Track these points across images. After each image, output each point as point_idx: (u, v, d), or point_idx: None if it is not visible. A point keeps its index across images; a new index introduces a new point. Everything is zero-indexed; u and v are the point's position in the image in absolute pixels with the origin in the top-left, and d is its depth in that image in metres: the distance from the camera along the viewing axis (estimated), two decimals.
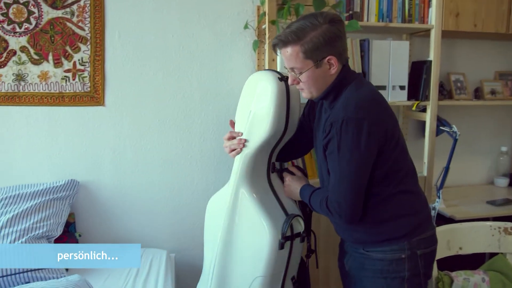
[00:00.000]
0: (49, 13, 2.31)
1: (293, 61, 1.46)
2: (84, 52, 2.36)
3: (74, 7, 2.33)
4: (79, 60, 2.36)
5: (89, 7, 2.34)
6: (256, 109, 1.69)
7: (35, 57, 2.32)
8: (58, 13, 2.32)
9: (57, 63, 2.34)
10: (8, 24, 2.29)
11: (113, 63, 2.39)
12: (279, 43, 1.47)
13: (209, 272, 1.85)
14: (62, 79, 2.35)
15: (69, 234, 2.36)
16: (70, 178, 2.39)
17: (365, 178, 1.42)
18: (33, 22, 2.30)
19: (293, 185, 1.76)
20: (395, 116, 1.52)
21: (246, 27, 2.41)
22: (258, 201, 1.71)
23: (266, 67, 2.26)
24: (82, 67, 2.36)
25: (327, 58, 1.45)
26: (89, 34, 2.36)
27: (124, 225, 2.50)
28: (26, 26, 2.30)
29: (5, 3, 2.27)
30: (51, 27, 2.32)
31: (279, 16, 2.22)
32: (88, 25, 2.35)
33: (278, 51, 1.51)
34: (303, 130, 1.78)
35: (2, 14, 2.27)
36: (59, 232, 2.23)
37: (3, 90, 2.31)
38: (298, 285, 1.86)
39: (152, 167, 2.48)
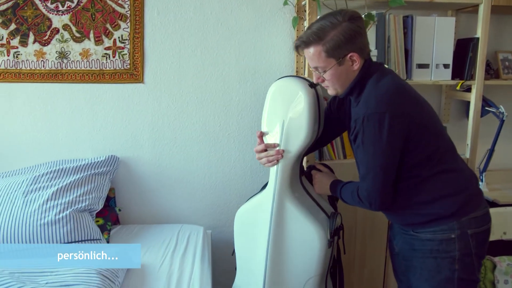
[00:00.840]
0: None
1: (316, 60, 1.51)
2: (123, 30, 2.37)
3: None
4: (119, 37, 2.38)
5: None
6: (291, 118, 1.70)
7: (77, 35, 2.36)
8: None
9: (98, 41, 2.37)
10: (51, 3, 2.32)
11: (152, 40, 2.40)
12: (301, 44, 1.52)
13: (258, 280, 1.85)
14: (103, 56, 2.38)
15: (109, 209, 2.42)
16: (110, 154, 2.45)
17: (392, 168, 1.45)
18: (75, 1, 2.33)
19: (324, 181, 1.80)
20: (422, 100, 1.53)
21: (285, 3, 2.36)
22: (300, 205, 1.75)
23: None
24: (121, 45, 2.38)
25: (349, 55, 1.49)
26: (128, 12, 2.37)
27: (162, 201, 2.54)
28: (68, 5, 2.33)
29: None
30: (92, 5, 2.34)
31: None
32: (128, 2, 2.36)
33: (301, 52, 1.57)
34: (328, 123, 1.82)
35: None
36: (100, 206, 2.30)
37: (47, 68, 2.36)
38: (334, 274, 1.93)
39: (190, 144, 2.50)
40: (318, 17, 1.62)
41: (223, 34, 2.43)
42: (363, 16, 2.10)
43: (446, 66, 2.31)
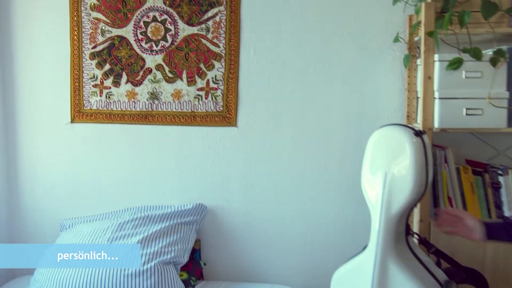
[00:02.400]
0: (184, 30, 2.22)
1: None
2: (218, 70, 2.23)
3: (210, 23, 2.21)
4: (212, 78, 2.23)
5: (224, 23, 2.21)
6: (394, 171, 1.55)
7: (170, 75, 2.24)
8: (194, 30, 2.22)
9: (191, 81, 2.24)
10: (146, 43, 2.24)
11: (247, 81, 2.23)
12: None
13: None
14: (195, 97, 2.24)
15: (194, 262, 2.22)
16: (198, 202, 2.27)
17: None
18: (169, 40, 2.23)
19: (478, 226, 1.52)
20: None
21: (396, 40, 2.09)
22: (406, 270, 1.53)
23: (420, 86, 1.92)
24: (215, 85, 2.23)
25: None
26: (223, 51, 2.22)
27: (251, 256, 2.30)
28: (162, 44, 2.24)
29: (144, 22, 2.23)
30: (186, 44, 2.23)
31: (437, 27, 1.87)
32: (223, 41, 2.22)
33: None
34: None
35: (141, 33, 2.23)
36: (185, 258, 2.12)
37: (137, 109, 2.26)
38: None
39: (284, 194, 2.26)
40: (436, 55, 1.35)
41: (324, 75, 2.20)
42: (491, 52, 1.79)
43: None
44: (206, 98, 2.25)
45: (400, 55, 2.15)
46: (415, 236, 1.68)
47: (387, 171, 1.55)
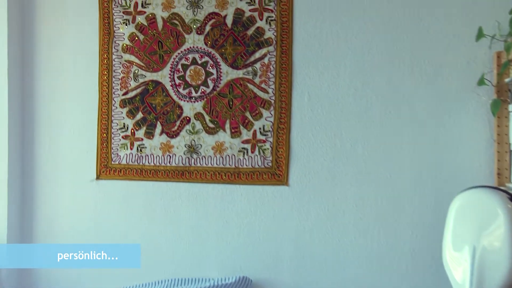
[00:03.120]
0: (228, 74, 1.94)
1: None
2: (266, 119, 1.92)
3: (257, 65, 1.92)
4: (260, 128, 1.92)
5: (274, 65, 1.92)
6: (485, 243, 1.37)
7: (211, 125, 1.95)
8: (239, 73, 1.93)
9: (235, 132, 1.93)
10: (184, 88, 1.97)
11: (300, 132, 1.92)
12: None
13: None
14: (240, 151, 1.93)
15: None
16: (241, 275, 1.95)
17: None
18: (211, 85, 1.95)
19: None
20: None
21: (481, 82, 1.75)
22: None
23: None
24: (263, 137, 1.92)
25: None
26: (273, 97, 1.92)
27: None
28: (202, 90, 1.95)
29: (182, 65, 1.96)
30: (230, 89, 1.94)
31: None
32: (273, 86, 1.92)
33: None
34: None
35: (179, 78, 1.96)
36: None
37: (173, 164, 1.97)
38: None
39: (345, 266, 1.92)
40: None
41: (392, 125, 1.89)
42: None
43: None
44: (252, 152, 1.93)
45: (486, 100, 1.80)
46: None
47: (476, 245, 1.38)
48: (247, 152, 1.95)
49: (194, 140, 1.98)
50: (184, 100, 1.98)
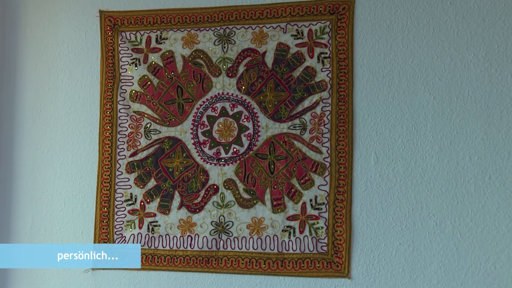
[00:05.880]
0: (268, 128, 1.48)
1: None
2: (319, 188, 1.45)
3: (307, 117, 1.47)
4: (311, 200, 1.46)
5: (329, 117, 1.46)
6: None
7: (245, 196, 1.49)
8: (282, 128, 1.48)
9: (277, 206, 1.47)
10: (210, 148, 1.50)
11: (366, 204, 1.46)
12: None
13: None
14: (284, 231, 1.46)
15: None
16: None
17: None
18: (245, 143, 1.50)
19: None
20: None
21: None
22: None
23: None
24: (315, 213, 1.45)
25: None
26: (328, 159, 1.45)
27: None
28: (234, 149, 1.50)
29: (208, 117, 1.51)
30: (271, 149, 1.47)
31: None
32: (327, 144, 1.45)
33: None
34: None
35: (204, 133, 1.50)
36: None
37: (196, 248, 1.50)
38: None
39: None
40: None
41: (494, 196, 1.41)
42: None
43: None
44: (301, 232, 1.46)
45: None
46: None
47: None
48: (294, 232, 1.48)
49: (223, 216, 1.51)
50: (211, 163, 1.52)
